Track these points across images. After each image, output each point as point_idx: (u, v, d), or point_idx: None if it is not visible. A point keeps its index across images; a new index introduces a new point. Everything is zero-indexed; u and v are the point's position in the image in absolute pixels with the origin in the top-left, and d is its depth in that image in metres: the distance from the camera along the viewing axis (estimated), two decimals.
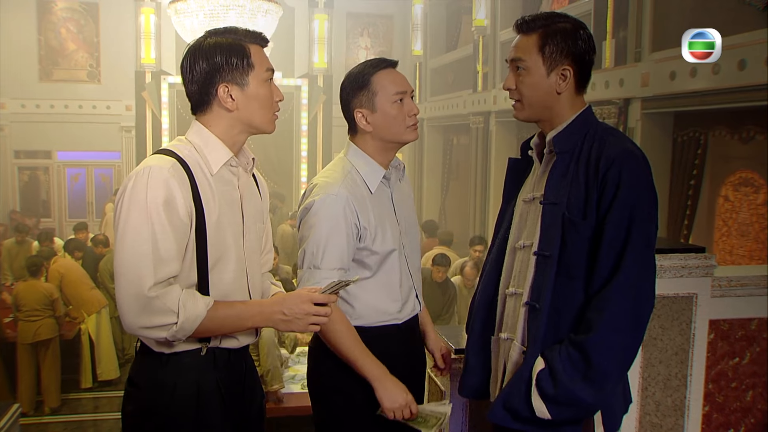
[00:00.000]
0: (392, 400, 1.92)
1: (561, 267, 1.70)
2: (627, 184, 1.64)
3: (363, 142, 2.04)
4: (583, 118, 1.78)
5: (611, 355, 1.62)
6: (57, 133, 12.25)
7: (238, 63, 1.73)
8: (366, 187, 2.02)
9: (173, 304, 1.62)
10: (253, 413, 1.93)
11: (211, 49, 1.73)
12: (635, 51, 6.25)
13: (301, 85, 12.47)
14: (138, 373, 1.80)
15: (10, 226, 10.08)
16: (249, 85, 1.75)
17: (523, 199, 1.88)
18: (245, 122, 1.79)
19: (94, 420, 6.24)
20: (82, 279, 6.88)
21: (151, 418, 1.74)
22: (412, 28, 12.64)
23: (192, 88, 1.77)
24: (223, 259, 1.75)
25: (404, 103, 2.01)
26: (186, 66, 1.76)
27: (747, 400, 2.73)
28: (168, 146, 1.77)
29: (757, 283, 2.66)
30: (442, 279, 6.23)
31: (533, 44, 1.76)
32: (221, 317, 1.69)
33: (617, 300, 1.62)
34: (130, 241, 1.62)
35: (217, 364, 1.78)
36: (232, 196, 1.81)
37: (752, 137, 5.31)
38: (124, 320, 1.64)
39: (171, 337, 1.65)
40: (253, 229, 1.88)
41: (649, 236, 1.67)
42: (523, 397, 1.70)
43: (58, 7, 12.42)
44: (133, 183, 1.64)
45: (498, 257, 1.93)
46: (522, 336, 1.78)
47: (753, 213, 5.85)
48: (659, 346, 2.51)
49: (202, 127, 1.78)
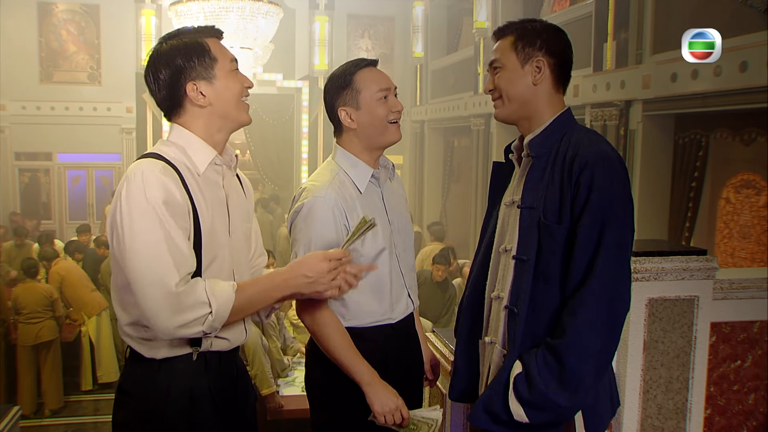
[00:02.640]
0: (382, 404, 1.92)
1: (538, 271, 1.71)
2: (600, 187, 1.63)
3: (349, 142, 2.06)
4: (561, 120, 1.79)
5: (585, 359, 1.62)
6: (57, 134, 12.24)
7: (200, 59, 1.72)
8: (355, 188, 2.02)
9: (202, 296, 1.59)
10: (246, 415, 1.92)
11: (169, 53, 1.72)
12: (636, 53, 6.25)
13: (301, 87, 12.49)
14: (129, 381, 1.78)
15: (10, 228, 10.08)
16: (216, 77, 1.74)
17: (504, 203, 1.89)
18: (221, 116, 1.76)
19: (94, 422, 6.24)
20: (83, 281, 6.88)
21: (145, 425, 1.72)
22: (413, 30, 12.64)
23: (160, 95, 1.75)
24: (216, 260, 1.74)
25: (388, 99, 2.03)
26: (150, 77, 1.74)
27: (749, 403, 2.72)
28: (153, 150, 1.74)
29: (758, 286, 2.65)
30: (442, 278, 6.23)
31: (507, 45, 1.81)
32: (249, 296, 1.68)
33: (590, 303, 1.62)
34: (142, 245, 1.58)
35: (208, 368, 1.77)
36: (218, 196, 1.79)
37: (754, 139, 5.30)
38: (158, 325, 1.59)
39: (208, 329, 1.62)
40: (240, 228, 1.87)
41: (623, 239, 1.66)
42: (502, 400, 1.71)
43: (58, 9, 12.43)
44: (127, 188, 1.61)
45: (484, 261, 1.94)
46: (503, 339, 1.79)
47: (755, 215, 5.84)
48: (660, 348, 2.51)
49: (182, 129, 1.76)
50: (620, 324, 1.67)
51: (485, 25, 9.61)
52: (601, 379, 1.73)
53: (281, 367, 4.94)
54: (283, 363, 4.97)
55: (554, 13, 8.38)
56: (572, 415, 1.70)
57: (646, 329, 2.47)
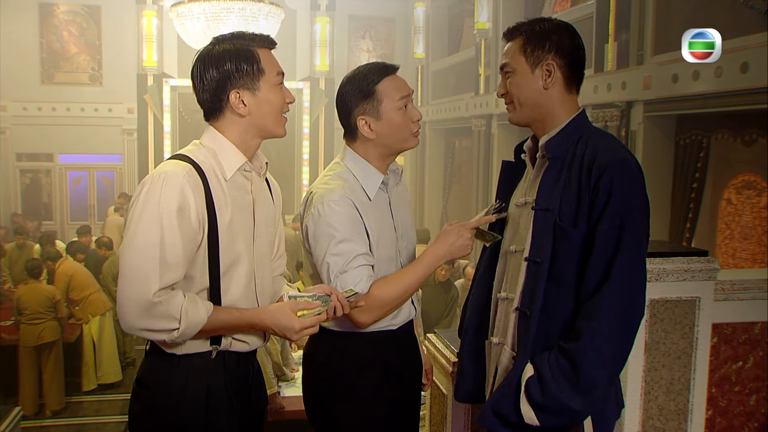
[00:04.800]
0: None
1: (552, 274, 1.70)
2: (619, 192, 1.63)
3: (363, 148, 2.01)
4: (577, 122, 1.78)
5: (600, 364, 1.62)
6: (59, 135, 12.26)
7: (248, 69, 1.74)
8: (364, 194, 1.99)
9: (176, 311, 1.63)
10: (258, 416, 1.95)
11: (220, 57, 1.74)
12: (637, 54, 6.25)
13: (302, 88, 12.50)
14: (147, 374, 1.81)
15: (11, 229, 10.09)
16: (260, 89, 1.76)
17: (515, 203, 1.88)
18: (258, 126, 1.79)
19: (96, 423, 6.24)
20: (90, 281, 6.90)
21: (160, 418, 1.76)
22: (414, 31, 12.64)
23: (204, 96, 1.78)
24: (235, 265, 1.77)
25: (408, 108, 1.99)
26: (196, 75, 1.77)
27: (750, 404, 2.71)
28: (183, 151, 1.78)
29: (760, 287, 2.65)
30: (445, 278, 6.23)
31: (517, 47, 1.79)
32: (222, 321, 1.72)
33: (606, 308, 1.61)
34: (139, 244, 1.64)
35: (226, 367, 1.80)
36: (245, 201, 1.82)
37: (755, 140, 5.30)
38: (124, 320, 1.65)
39: (170, 341, 1.67)
40: (264, 233, 1.89)
41: (640, 245, 1.66)
42: (512, 403, 1.69)
43: (60, 9, 12.43)
44: (147, 188, 1.66)
45: (491, 261, 1.93)
46: (512, 341, 1.78)
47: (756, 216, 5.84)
48: (662, 349, 2.50)
49: (216, 133, 1.79)
50: (635, 329, 1.66)
51: (486, 26, 9.60)
52: (613, 384, 1.73)
53: (281, 371, 4.94)
54: (282, 368, 4.97)
55: (555, 14, 8.39)
56: (584, 419, 1.70)
57: (647, 330, 2.47)
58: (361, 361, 2.02)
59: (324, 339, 2.01)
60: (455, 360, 2.35)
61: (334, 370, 2.00)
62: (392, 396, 2.06)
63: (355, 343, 2.00)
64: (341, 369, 2.01)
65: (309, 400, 2.13)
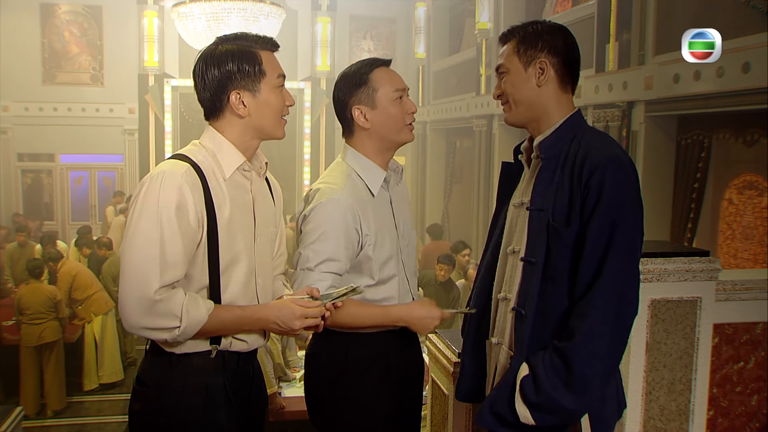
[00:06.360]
0: (424, 326, 2.01)
1: (546, 273, 1.71)
2: (610, 190, 1.63)
3: (360, 143, 2.03)
4: (571, 122, 1.79)
5: (593, 363, 1.62)
6: (60, 136, 12.27)
7: (249, 70, 1.76)
8: (368, 191, 2.00)
9: (177, 309, 1.65)
10: (258, 415, 1.95)
11: (222, 57, 1.75)
12: (639, 54, 6.24)
13: (303, 88, 12.51)
14: (147, 373, 1.82)
15: (12, 229, 10.09)
16: (261, 91, 1.77)
17: (513, 204, 1.89)
18: (257, 128, 1.81)
19: (97, 423, 6.24)
20: (92, 280, 6.91)
21: (160, 417, 1.77)
22: (415, 31, 12.63)
23: (204, 95, 1.79)
24: (234, 263, 1.78)
25: (403, 101, 2.01)
26: (198, 73, 1.78)
27: (752, 404, 2.71)
28: (183, 151, 1.79)
29: (761, 287, 2.65)
30: (445, 278, 6.24)
31: (511, 49, 1.81)
32: (223, 321, 1.73)
33: (599, 306, 1.62)
34: (139, 243, 1.65)
35: (226, 367, 1.81)
36: (245, 200, 1.83)
37: (756, 140, 5.29)
38: (126, 319, 1.66)
39: (171, 340, 1.69)
40: (264, 232, 1.90)
41: (633, 243, 1.66)
42: (508, 402, 1.70)
43: (61, 10, 12.45)
44: (146, 188, 1.68)
45: (491, 261, 1.94)
46: (510, 341, 1.79)
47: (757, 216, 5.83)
48: (663, 350, 2.50)
49: (215, 133, 1.80)
50: (628, 328, 1.67)
51: (487, 26, 9.60)
52: (608, 383, 1.73)
53: (282, 372, 4.94)
54: (283, 369, 4.96)
55: (556, 14, 8.38)
56: (579, 418, 1.70)
57: (648, 330, 2.47)
58: (363, 361, 2.02)
59: (326, 339, 2.01)
60: (456, 360, 2.35)
61: (336, 370, 2.00)
62: (394, 396, 2.06)
63: (357, 343, 2.00)
64: (343, 369, 2.01)
65: (311, 400, 2.14)
